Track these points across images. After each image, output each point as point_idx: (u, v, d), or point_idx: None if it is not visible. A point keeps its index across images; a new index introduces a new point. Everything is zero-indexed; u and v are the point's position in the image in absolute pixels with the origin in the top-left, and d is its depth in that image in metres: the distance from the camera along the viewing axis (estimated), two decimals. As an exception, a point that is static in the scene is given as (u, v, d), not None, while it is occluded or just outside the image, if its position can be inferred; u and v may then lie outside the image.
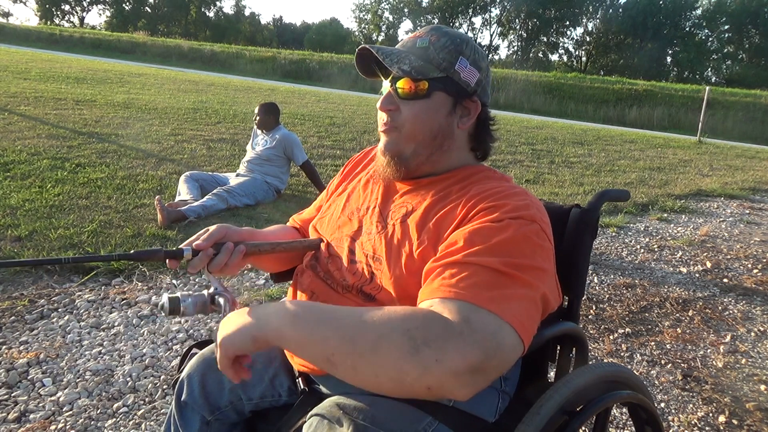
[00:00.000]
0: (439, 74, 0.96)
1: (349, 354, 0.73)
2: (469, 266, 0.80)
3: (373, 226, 1.01)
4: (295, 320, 0.78)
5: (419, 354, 0.70)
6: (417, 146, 0.99)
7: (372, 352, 0.72)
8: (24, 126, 5.84)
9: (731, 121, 17.67)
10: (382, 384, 0.73)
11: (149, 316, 2.46)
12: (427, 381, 0.70)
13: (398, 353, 0.71)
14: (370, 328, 0.73)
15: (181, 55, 25.37)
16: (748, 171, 8.41)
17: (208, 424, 1.11)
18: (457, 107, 1.00)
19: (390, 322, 0.73)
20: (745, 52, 42.33)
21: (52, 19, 50.96)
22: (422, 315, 0.75)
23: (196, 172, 4.31)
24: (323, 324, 0.76)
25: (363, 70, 1.05)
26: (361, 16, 55.36)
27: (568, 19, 46.66)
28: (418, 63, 0.95)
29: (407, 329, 0.72)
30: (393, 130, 0.99)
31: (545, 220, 0.91)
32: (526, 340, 0.77)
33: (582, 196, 5.54)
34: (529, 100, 19.83)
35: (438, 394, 0.72)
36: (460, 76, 0.97)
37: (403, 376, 0.71)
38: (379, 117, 1.03)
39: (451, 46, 0.97)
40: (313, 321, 0.77)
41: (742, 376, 2.34)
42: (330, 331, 0.75)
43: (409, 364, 0.70)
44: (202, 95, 10.50)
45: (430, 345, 0.70)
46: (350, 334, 0.74)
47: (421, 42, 0.98)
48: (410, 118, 0.98)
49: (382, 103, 0.99)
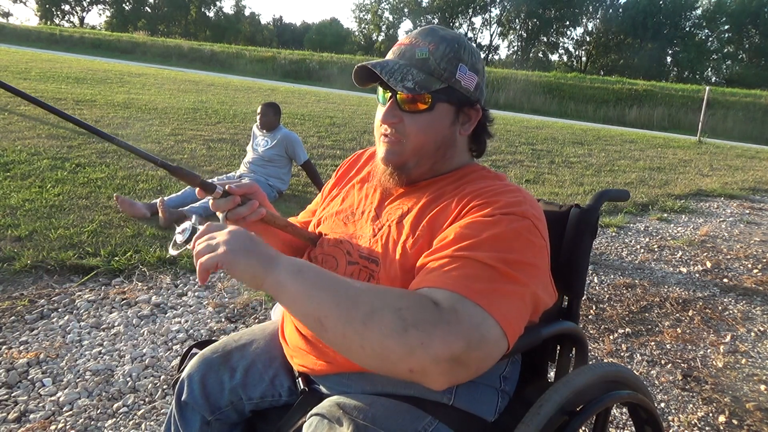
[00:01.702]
0: (441, 85, 0.95)
1: (340, 320, 0.74)
2: (459, 259, 0.81)
3: (368, 228, 1.02)
4: (298, 275, 0.78)
5: (406, 334, 0.71)
6: (420, 158, 0.99)
7: (362, 324, 0.73)
8: (24, 126, 5.84)
9: (731, 121, 17.68)
10: (366, 356, 0.74)
11: (149, 316, 2.46)
12: (410, 363, 0.72)
13: (387, 330, 0.72)
14: (365, 300, 0.75)
15: (181, 55, 25.37)
16: (748, 171, 8.41)
17: (208, 424, 1.11)
18: (460, 115, 1.00)
19: (385, 298, 0.75)
20: (745, 52, 42.33)
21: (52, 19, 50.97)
22: (416, 297, 0.76)
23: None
24: (323, 286, 0.77)
25: (360, 81, 1.02)
26: (361, 16, 55.43)
27: (568, 19, 46.68)
28: (420, 77, 0.94)
29: (399, 308, 0.73)
30: (396, 142, 0.98)
31: (538, 217, 0.90)
32: (510, 336, 0.77)
33: (582, 196, 5.54)
34: (529, 100, 19.83)
35: (418, 378, 0.73)
36: (461, 84, 0.96)
37: (388, 353, 0.72)
38: (377, 126, 1.01)
39: (450, 54, 0.95)
40: (314, 280, 0.77)
41: (742, 376, 2.34)
42: (328, 294, 0.76)
43: (395, 343, 0.71)
44: (202, 95, 10.50)
45: (418, 327, 0.72)
46: (346, 301, 0.75)
47: (420, 52, 0.95)
48: (414, 131, 0.97)
49: (385, 117, 0.97)
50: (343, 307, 0.74)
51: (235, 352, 1.14)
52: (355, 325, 0.73)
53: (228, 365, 1.12)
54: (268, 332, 1.20)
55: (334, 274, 0.81)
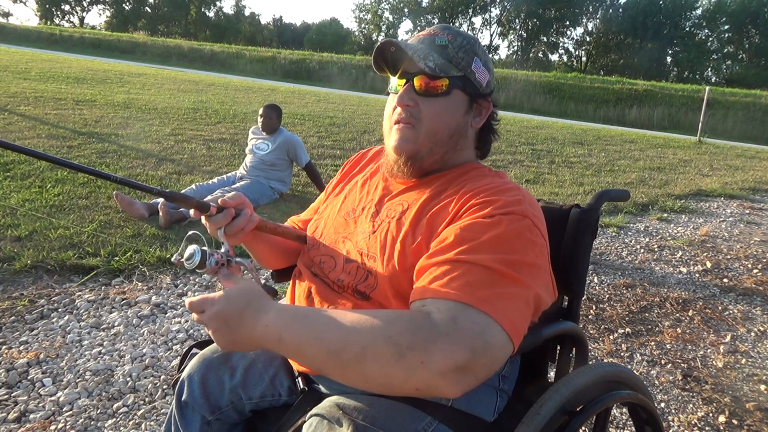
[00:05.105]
0: (458, 73, 0.97)
1: (336, 367, 0.75)
2: (460, 264, 0.80)
3: (368, 225, 1.02)
4: (281, 342, 0.78)
5: (404, 359, 0.71)
6: (434, 145, 0.99)
7: (358, 363, 0.73)
8: (24, 126, 5.84)
9: (731, 121, 17.67)
10: (373, 387, 0.75)
11: (149, 316, 2.46)
12: (413, 383, 0.72)
13: (383, 361, 0.72)
14: (353, 340, 0.74)
15: (181, 55, 25.39)
16: (748, 171, 8.41)
17: (208, 424, 1.11)
18: (473, 107, 1.01)
19: (373, 330, 0.74)
20: (745, 52, 42.32)
21: (52, 19, 51.00)
22: (408, 318, 0.76)
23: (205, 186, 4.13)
24: (308, 341, 0.76)
25: (379, 65, 1.03)
26: (361, 16, 55.42)
27: (568, 19, 46.67)
28: (440, 60, 0.96)
29: (389, 336, 0.73)
30: (410, 127, 0.98)
31: (538, 216, 0.90)
32: (515, 339, 0.77)
33: (582, 196, 5.54)
34: (529, 100, 19.83)
35: (426, 393, 0.74)
36: (475, 76, 0.99)
37: (391, 380, 0.72)
38: (388, 113, 1.02)
39: (467, 45, 0.98)
40: (298, 339, 0.77)
41: (742, 376, 2.34)
42: (314, 348, 0.76)
43: (395, 370, 0.72)
44: (202, 95, 10.50)
45: (414, 348, 0.71)
46: (335, 348, 0.75)
47: (440, 40, 0.98)
48: (430, 115, 0.97)
49: (401, 98, 0.98)
50: (333, 355, 0.74)
51: (235, 352, 1.14)
52: (352, 366, 0.74)
53: (228, 365, 1.12)
54: (268, 332, 1.19)
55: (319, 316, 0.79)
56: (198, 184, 4.20)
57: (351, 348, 0.74)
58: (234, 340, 0.81)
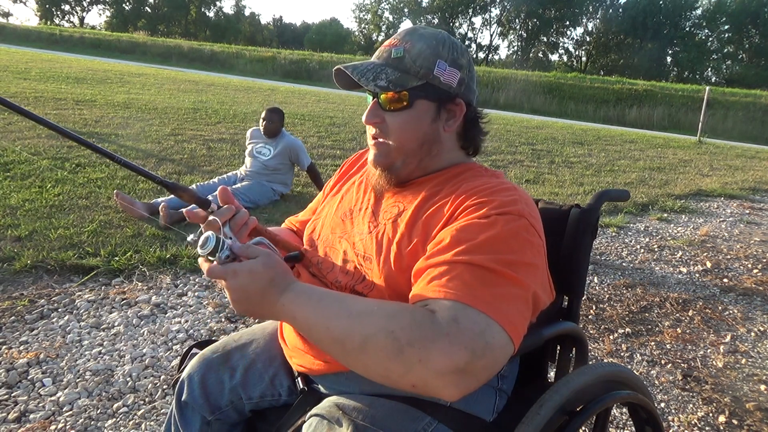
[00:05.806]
0: (418, 82, 0.95)
1: (340, 353, 0.79)
2: (458, 265, 0.80)
3: (365, 226, 1.02)
4: (294, 321, 0.82)
5: (403, 354, 0.72)
6: (406, 157, 0.99)
7: (360, 352, 0.76)
8: (24, 126, 5.84)
9: (731, 121, 17.68)
10: (372, 377, 0.77)
11: (149, 316, 2.46)
12: (410, 379, 0.73)
13: (383, 353, 0.74)
14: (357, 329, 0.76)
15: (181, 55, 25.40)
16: (748, 171, 8.42)
17: (208, 424, 1.11)
18: (441, 112, 0.99)
19: (377, 322, 0.76)
20: (745, 52, 42.32)
21: (52, 19, 51.00)
22: (410, 314, 0.76)
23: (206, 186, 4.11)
24: (316, 327, 0.80)
25: (344, 85, 1.04)
26: (361, 16, 55.45)
27: (568, 19, 46.68)
28: (395, 75, 0.94)
29: (391, 330, 0.74)
30: (382, 143, 1.00)
31: (534, 215, 0.90)
32: (516, 339, 0.77)
33: (582, 196, 5.54)
34: (529, 100, 19.83)
35: (424, 392, 0.74)
36: (440, 81, 0.96)
37: (389, 373, 0.74)
38: (367, 129, 1.03)
39: (427, 51, 0.95)
40: (308, 324, 0.80)
41: (742, 376, 2.34)
42: (321, 334, 0.79)
43: (393, 364, 0.73)
44: (202, 95, 10.50)
45: (414, 345, 0.72)
46: (339, 337, 0.77)
47: (396, 52, 0.96)
48: (396, 130, 0.98)
49: (367, 117, 0.99)
50: (338, 342, 0.77)
51: (235, 352, 1.15)
52: (354, 355, 0.77)
53: (228, 365, 1.12)
54: (268, 332, 1.20)
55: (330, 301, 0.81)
56: (198, 183, 4.20)
57: (354, 338, 0.76)
58: (251, 311, 0.83)
